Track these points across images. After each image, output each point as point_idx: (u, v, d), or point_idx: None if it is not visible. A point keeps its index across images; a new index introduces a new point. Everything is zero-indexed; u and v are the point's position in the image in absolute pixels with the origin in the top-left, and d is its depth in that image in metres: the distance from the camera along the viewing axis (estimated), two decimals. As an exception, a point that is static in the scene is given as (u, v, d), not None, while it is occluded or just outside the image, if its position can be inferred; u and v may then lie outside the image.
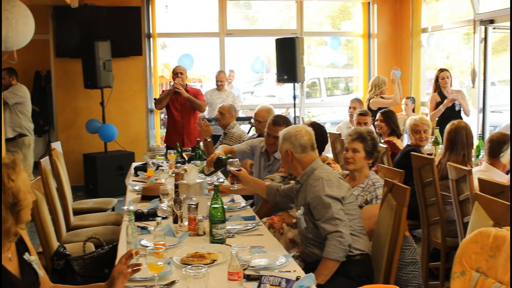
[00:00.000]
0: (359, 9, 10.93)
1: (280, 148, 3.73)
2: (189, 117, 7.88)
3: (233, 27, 10.58)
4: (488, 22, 8.47)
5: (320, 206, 3.37)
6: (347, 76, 15.30)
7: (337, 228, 3.29)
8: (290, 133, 3.69)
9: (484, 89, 8.67)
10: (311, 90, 15.55)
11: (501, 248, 2.45)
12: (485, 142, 4.63)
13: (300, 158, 3.63)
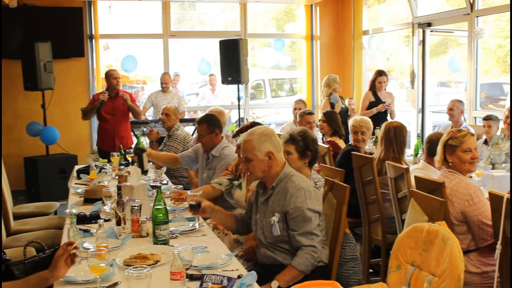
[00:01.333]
0: (302, 11, 11.08)
1: (256, 152, 3.37)
2: (121, 120, 7.88)
3: (177, 29, 10.57)
4: (426, 25, 8.73)
5: (300, 218, 3.28)
6: (291, 77, 15.44)
7: (312, 243, 3.25)
8: (267, 133, 3.44)
9: (423, 90, 8.94)
10: (256, 91, 15.64)
11: (433, 242, 2.56)
12: (424, 142, 4.79)
13: (278, 159, 3.43)
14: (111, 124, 7.80)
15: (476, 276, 3.65)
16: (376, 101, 8.16)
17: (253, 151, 3.37)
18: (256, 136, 3.40)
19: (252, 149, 3.37)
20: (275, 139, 3.44)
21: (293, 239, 3.29)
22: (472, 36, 7.72)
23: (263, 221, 3.41)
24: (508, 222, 3.10)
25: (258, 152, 3.36)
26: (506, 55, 16.76)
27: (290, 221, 3.30)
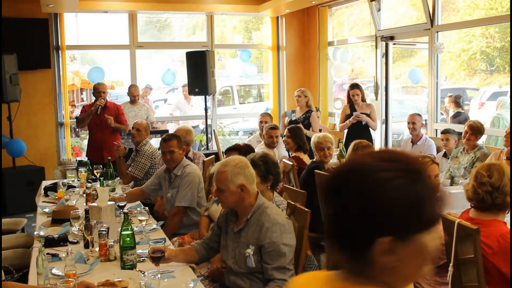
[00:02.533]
0: (268, 22, 11.22)
1: (229, 183, 3.41)
2: (109, 132, 7.99)
3: (144, 40, 10.62)
4: (388, 38, 8.94)
5: (275, 253, 3.33)
6: (259, 83, 15.59)
7: (285, 277, 3.31)
8: (241, 165, 3.46)
9: (386, 101, 9.15)
10: (224, 98, 15.77)
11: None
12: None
13: (251, 191, 3.47)
14: (99, 135, 7.95)
15: (431, 294, 3.83)
16: (352, 114, 8.32)
17: (226, 182, 3.42)
18: (230, 168, 3.45)
19: (225, 180, 3.42)
20: (249, 171, 3.49)
21: (266, 271, 3.35)
22: (433, 51, 7.95)
23: (236, 251, 3.47)
24: (459, 245, 3.26)
25: (230, 184, 3.42)
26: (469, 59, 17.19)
27: (265, 254, 3.35)
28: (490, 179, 3.25)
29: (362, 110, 8.27)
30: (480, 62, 17.19)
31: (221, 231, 3.68)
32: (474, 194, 3.32)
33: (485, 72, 17.28)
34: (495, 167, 3.31)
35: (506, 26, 15.21)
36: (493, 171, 3.28)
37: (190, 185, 5.06)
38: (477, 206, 3.35)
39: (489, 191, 3.24)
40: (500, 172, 3.27)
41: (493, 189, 3.24)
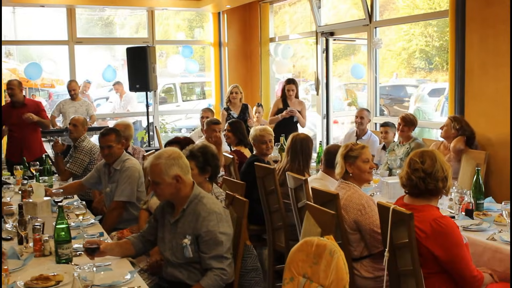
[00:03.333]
0: (210, 18, 11.19)
1: (164, 176, 3.38)
2: (29, 130, 7.77)
3: (83, 35, 10.41)
4: (328, 34, 9.05)
5: (212, 241, 3.32)
6: (202, 81, 15.54)
7: (222, 265, 3.31)
8: (175, 156, 3.44)
9: (327, 96, 9.26)
10: (166, 95, 15.64)
11: (322, 256, 2.73)
12: (323, 153, 5.01)
13: (186, 182, 3.45)
14: (18, 133, 7.68)
15: (369, 280, 3.89)
16: (284, 108, 8.37)
17: (161, 175, 3.38)
18: (164, 160, 3.41)
19: (160, 173, 3.39)
20: (183, 161, 3.47)
21: (203, 261, 3.34)
22: (371, 46, 8.09)
23: (173, 242, 3.44)
24: (394, 231, 3.33)
25: (165, 176, 3.38)
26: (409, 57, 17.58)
27: (202, 244, 3.34)
28: (423, 166, 3.33)
29: (294, 106, 8.35)
30: (420, 61, 17.61)
31: (158, 224, 3.64)
32: (407, 181, 3.39)
33: (425, 70, 17.71)
34: (427, 153, 3.39)
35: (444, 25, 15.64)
36: (426, 158, 3.35)
37: (129, 180, 4.99)
38: (411, 192, 3.42)
39: (422, 177, 3.32)
40: (433, 158, 3.35)
41: (425, 175, 3.31)
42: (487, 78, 6.11)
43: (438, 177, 3.31)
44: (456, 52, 6.41)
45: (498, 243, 3.67)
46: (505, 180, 5.75)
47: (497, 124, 6.01)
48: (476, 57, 6.21)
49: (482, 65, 6.14)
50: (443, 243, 3.19)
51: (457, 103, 6.46)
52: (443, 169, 3.33)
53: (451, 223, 3.26)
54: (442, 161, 3.36)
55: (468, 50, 6.30)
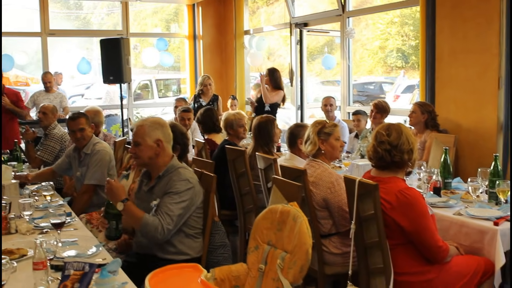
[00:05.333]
0: (185, 11, 11.16)
1: (146, 137, 3.48)
2: (6, 120, 7.71)
3: (56, 27, 10.31)
4: (302, 25, 9.08)
5: (171, 200, 3.36)
6: (178, 77, 15.50)
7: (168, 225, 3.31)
8: (160, 122, 3.58)
9: (301, 87, 9.30)
10: (143, 92, 15.56)
11: (286, 222, 2.75)
12: (286, 134, 5.05)
13: (166, 150, 3.55)
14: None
15: (338, 256, 3.91)
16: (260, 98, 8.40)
17: (143, 136, 3.49)
18: (149, 122, 3.54)
19: (143, 134, 3.49)
20: (167, 130, 3.59)
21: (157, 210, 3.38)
22: (344, 36, 8.13)
23: (146, 209, 3.45)
24: (361, 203, 3.35)
25: (147, 137, 3.49)
26: (386, 56, 17.72)
27: (162, 199, 3.40)
28: (389, 138, 3.36)
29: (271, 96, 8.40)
30: (396, 60, 17.76)
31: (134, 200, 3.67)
32: (374, 153, 3.41)
33: (401, 69, 17.85)
34: (393, 126, 3.41)
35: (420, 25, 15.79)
36: (392, 131, 3.38)
37: (100, 163, 4.96)
38: (377, 165, 3.44)
39: (388, 150, 3.34)
40: (398, 131, 3.37)
41: (391, 147, 3.34)
42: (457, 65, 6.17)
43: (404, 149, 3.34)
44: (426, 39, 6.47)
45: (464, 217, 3.71)
46: (474, 163, 5.80)
47: (466, 109, 6.08)
48: (446, 43, 6.28)
49: (452, 51, 6.20)
50: (409, 214, 3.22)
51: (427, 90, 6.51)
52: (409, 141, 3.36)
53: (417, 194, 3.29)
54: (407, 134, 3.39)
55: (438, 37, 6.36)
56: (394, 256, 3.29)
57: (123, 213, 3.37)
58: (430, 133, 5.84)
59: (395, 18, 17.18)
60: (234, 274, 2.90)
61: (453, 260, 3.42)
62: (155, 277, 2.59)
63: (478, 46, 5.88)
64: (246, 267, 2.93)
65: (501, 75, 5.67)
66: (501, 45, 5.63)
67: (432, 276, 3.32)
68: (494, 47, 5.70)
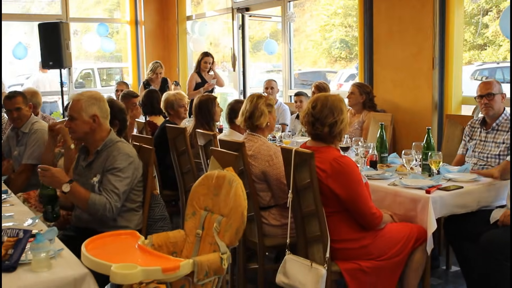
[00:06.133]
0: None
1: (82, 112, 3.45)
2: None
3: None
4: (244, 10, 9.11)
5: (114, 177, 3.36)
6: (121, 66, 15.33)
7: (115, 201, 3.32)
8: (97, 97, 3.54)
9: (243, 72, 9.35)
10: (85, 81, 15.32)
11: (222, 186, 2.78)
12: (226, 109, 5.10)
13: (103, 125, 3.53)
14: None
15: (277, 228, 3.98)
16: (202, 82, 8.46)
17: (79, 111, 3.46)
18: (85, 97, 3.50)
19: (79, 109, 3.46)
20: (104, 105, 3.56)
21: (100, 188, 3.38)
22: (286, 20, 8.21)
23: (85, 185, 3.43)
24: (297, 173, 3.42)
25: (84, 113, 3.46)
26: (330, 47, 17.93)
27: (104, 176, 3.39)
28: (313, 110, 3.42)
29: (210, 79, 8.51)
30: (340, 50, 17.98)
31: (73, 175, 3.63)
32: (303, 125, 3.49)
33: (345, 59, 18.10)
34: (320, 98, 3.46)
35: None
36: (317, 103, 3.43)
37: (38, 142, 4.89)
38: (310, 135, 3.51)
39: (311, 121, 3.42)
40: (323, 103, 3.41)
41: (314, 119, 3.40)
42: (394, 46, 6.33)
43: (326, 122, 3.37)
44: (364, 22, 6.60)
45: (398, 187, 3.83)
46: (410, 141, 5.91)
47: (403, 89, 6.25)
48: (382, 25, 6.42)
49: (389, 32, 6.35)
50: (343, 181, 3.30)
51: (366, 72, 6.66)
52: (334, 114, 3.39)
53: (350, 162, 3.38)
54: (334, 106, 3.40)
55: (375, 18, 6.50)
56: (331, 224, 3.37)
57: (69, 194, 3.32)
58: (368, 113, 5.98)
59: (338, 9, 17.41)
60: (172, 240, 2.92)
61: (387, 227, 3.54)
62: (91, 243, 2.59)
63: (413, 27, 6.05)
64: (183, 233, 2.96)
65: (435, 55, 5.85)
66: (434, 26, 5.81)
67: (367, 242, 3.42)
68: (428, 28, 5.88)
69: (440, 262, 4.81)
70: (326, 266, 3.29)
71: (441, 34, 5.83)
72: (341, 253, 3.42)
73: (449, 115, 5.57)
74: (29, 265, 2.45)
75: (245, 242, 4.06)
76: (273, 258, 4.58)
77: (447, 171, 4.17)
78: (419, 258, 3.58)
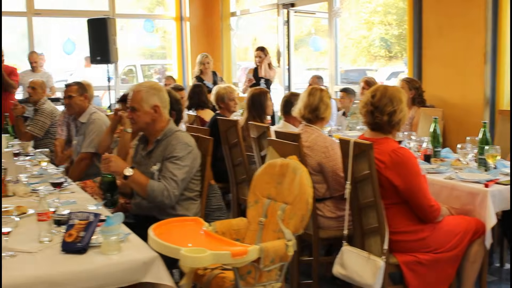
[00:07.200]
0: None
1: (143, 103, 3.50)
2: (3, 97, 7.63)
3: (41, 7, 10.21)
4: (289, 5, 9.13)
5: (173, 165, 3.40)
6: (163, 63, 15.47)
7: (174, 189, 3.36)
8: (157, 87, 3.60)
9: (289, 68, 9.36)
10: (127, 77, 15.51)
11: (285, 174, 2.80)
12: (281, 102, 5.12)
13: (163, 115, 3.57)
14: None
15: (332, 220, 3.98)
16: (257, 77, 8.51)
17: (140, 102, 3.50)
18: (145, 88, 3.54)
19: (140, 100, 3.50)
20: (164, 95, 3.60)
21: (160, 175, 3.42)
22: (332, 15, 8.19)
23: (145, 173, 3.48)
24: (356, 164, 3.42)
25: (144, 103, 3.50)
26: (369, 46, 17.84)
27: (164, 165, 3.43)
28: (372, 99, 3.41)
29: (266, 73, 8.47)
30: (379, 49, 17.87)
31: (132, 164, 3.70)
32: (362, 115, 3.48)
33: (384, 58, 17.98)
34: (379, 88, 3.45)
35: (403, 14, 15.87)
36: (377, 92, 3.42)
37: (96, 132, 5.04)
38: (368, 126, 3.50)
39: (371, 111, 3.40)
40: (383, 93, 3.40)
41: (374, 108, 3.39)
42: (443, 41, 6.26)
43: (385, 111, 3.36)
44: (413, 17, 6.55)
45: (455, 181, 3.80)
46: (460, 138, 5.86)
47: (453, 85, 6.18)
48: (432, 20, 6.36)
49: (439, 28, 6.29)
50: (402, 173, 3.29)
51: (415, 67, 6.60)
52: (393, 103, 3.37)
53: (409, 153, 3.37)
54: (393, 96, 3.38)
55: (424, 14, 6.44)
56: (388, 216, 3.36)
57: (129, 180, 3.36)
58: (417, 109, 5.92)
59: (378, 7, 17.30)
60: (235, 227, 2.96)
61: (445, 220, 3.51)
62: (158, 228, 2.64)
63: (463, 21, 5.97)
64: (246, 221, 2.99)
65: (487, 50, 5.77)
66: (486, 20, 5.73)
67: (425, 235, 3.40)
68: (480, 23, 5.80)
69: (494, 259, 4.74)
70: (384, 258, 3.29)
71: (493, 28, 5.75)
72: (398, 245, 3.40)
73: (501, 111, 5.49)
74: (99, 247, 2.51)
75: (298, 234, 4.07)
76: (325, 251, 4.59)
77: (504, 165, 4.11)
78: (477, 251, 3.54)
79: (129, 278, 2.42)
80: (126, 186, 3.61)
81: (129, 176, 3.34)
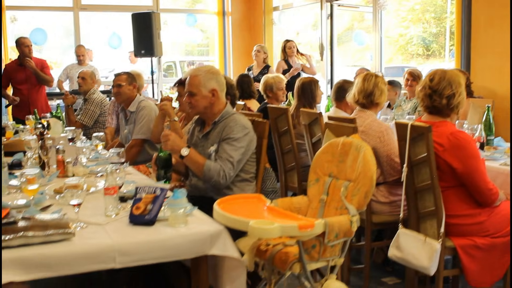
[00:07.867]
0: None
1: (201, 87, 3.54)
2: (35, 88, 7.82)
3: (87, 2, 10.40)
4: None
5: (230, 147, 3.45)
6: (203, 60, 15.55)
7: (229, 170, 3.41)
8: (214, 71, 3.63)
9: (331, 61, 9.35)
10: (167, 73, 15.64)
11: (348, 153, 2.82)
12: (333, 88, 5.14)
13: (221, 98, 3.61)
14: (26, 93, 7.71)
15: (385, 205, 3.98)
16: (289, 69, 8.56)
17: (198, 86, 3.54)
18: (203, 72, 3.57)
19: (198, 84, 3.54)
20: (221, 78, 3.64)
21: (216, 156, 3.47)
22: (377, 8, 8.16)
23: (202, 154, 3.54)
24: (413, 147, 3.41)
25: (202, 88, 3.54)
26: (406, 44, 17.67)
27: (220, 146, 3.48)
28: (431, 83, 3.40)
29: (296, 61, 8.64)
30: (417, 47, 17.68)
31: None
32: (420, 98, 3.47)
33: (422, 56, 17.78)
34: (438, 72, 3.44)
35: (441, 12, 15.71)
36: (435, 76, 3.41)
37: (146, 118, 5.11)
38: (426, 110, 3.49)
39: (429, 94, 3.39)
40: (441, 76, 3.38)
41: (432, 91, 3.37)
42: (493, 32, 6.19)
43: (444, 94, 3.34)
44: (462, 8, 6.49)
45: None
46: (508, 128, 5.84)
47: (502, 76, 6.10)
48: (482, 10, 6.29)
49: (489, 18, 6.22)
50: (460, 155, 3.27)
51: (463, 58, 6.54)
52: (452, 87, 3.36)
53: (468, 137, 3.35)
54: (452, 80, 3.37)
55: (474, 3, 6.37)
56: (445, 199, 3.35)
57: (186, 159, 3.43)
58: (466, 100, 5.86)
59: (416, 5, 17.11)
60: (296, 205, 2.99)
61: (502, 205, 3.48)
62: (222, 203, 2.68)
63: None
64: (306, 199, 3.02)
65: (538, 40, 5.69)
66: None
67: (482, 219, 3.38)
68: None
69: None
70: (440, 241, 3.28)
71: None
72: (455, 229, 3.39)
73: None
74: (165, 221, 2.57)
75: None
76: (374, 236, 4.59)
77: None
78: (534, 237, 3.51)
79: (196, 250, 2.47)
80: (180, 165, 3.68)
81: (185, 156, 3.39)
